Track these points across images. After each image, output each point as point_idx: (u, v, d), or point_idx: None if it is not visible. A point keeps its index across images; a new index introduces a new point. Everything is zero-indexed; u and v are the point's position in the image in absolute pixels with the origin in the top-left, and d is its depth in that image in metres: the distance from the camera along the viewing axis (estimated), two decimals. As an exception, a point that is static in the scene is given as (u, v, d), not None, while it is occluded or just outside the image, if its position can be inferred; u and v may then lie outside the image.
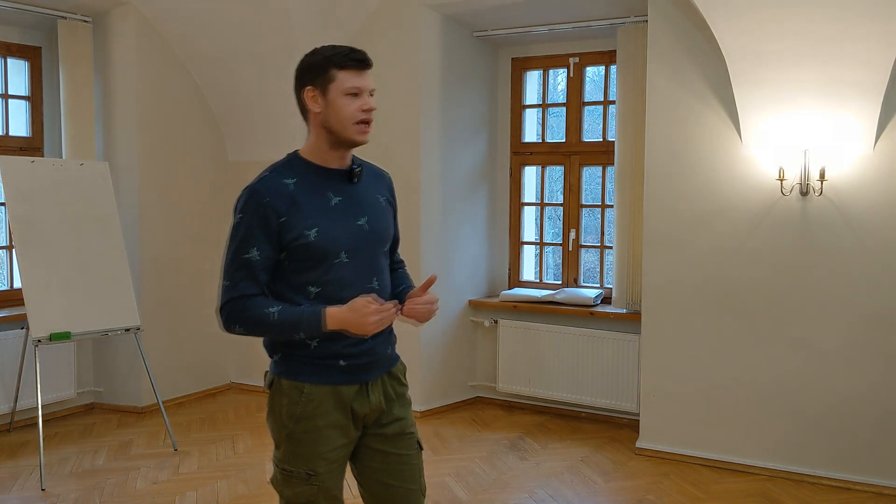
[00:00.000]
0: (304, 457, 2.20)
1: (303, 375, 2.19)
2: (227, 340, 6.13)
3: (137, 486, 4.21)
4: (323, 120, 2.17)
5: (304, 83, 2.18)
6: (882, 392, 4.10)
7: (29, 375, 4.87)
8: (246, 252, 2.11)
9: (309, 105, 2.18)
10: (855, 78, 3.91)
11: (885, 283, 4.07)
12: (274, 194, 2.12)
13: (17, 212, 4.54)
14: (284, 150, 6.65)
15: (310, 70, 2.17)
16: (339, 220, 2.18)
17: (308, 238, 2.11)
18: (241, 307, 2.11)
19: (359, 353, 2.21)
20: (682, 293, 4.53)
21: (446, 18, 5.32)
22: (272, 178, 2.16)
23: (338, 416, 2.20)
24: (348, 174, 2.24)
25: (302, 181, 2.16)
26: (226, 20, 5.24)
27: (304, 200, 2.14)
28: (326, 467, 2.21)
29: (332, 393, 2.19)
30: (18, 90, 5.37)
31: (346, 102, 2.14)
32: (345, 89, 2.14)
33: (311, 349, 2.17)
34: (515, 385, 5.52)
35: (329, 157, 2.21)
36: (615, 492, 4.16)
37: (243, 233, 2.12)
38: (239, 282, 2.11)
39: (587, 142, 5.59)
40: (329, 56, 2.15)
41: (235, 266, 2.12)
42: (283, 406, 2.20)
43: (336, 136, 2.17)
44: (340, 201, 2.20)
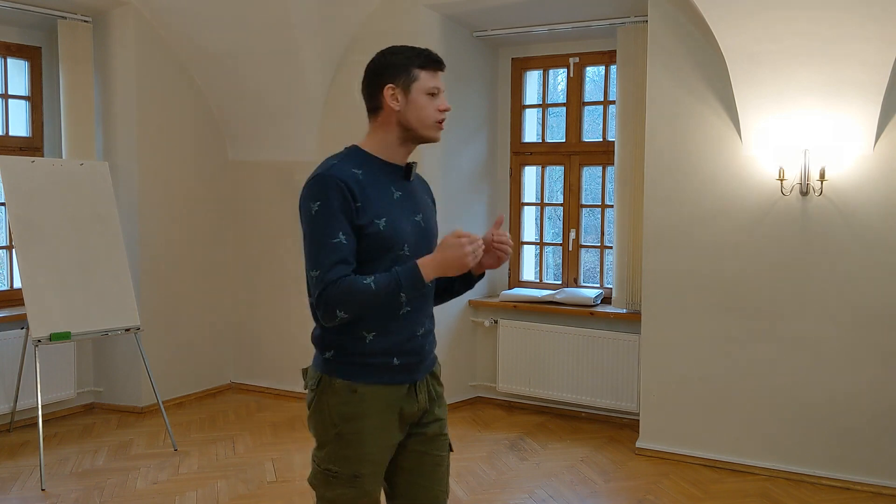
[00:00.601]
0: (350, 459, 2.18)
1: (356, 375, 2.16)
2: (228, 340, 6.14)
3: (137, 486, 4.22)
4: (401, 117, 2.20)
5: (383, 81, 2.22)
6: (882, 392, 4.10)
7: (29, 375, 4.87)
8: (333, 237, 2.07)
9: (388, 102, 2.20)
10: (855, 78, 3.92)
11: (884, 282, 4.07)
12: (349, 179, 2.11)
13: (17, 212, 4.54)
14: (284, 150, 6.63)
15: (390, 69, 2.22)
16: (402, 214, 2.20)
17: (378, 227, 2.12)
18: (338, 290, 2.04)
19: (411, 349, 2.21)
20: (683, 293, 4.53)
21: (446, 18, 5.32)
22: (342, 166, 2.15)
23: (388, 418, 2.19)
24: (405, 171, 2.27)
25: (367, 172, 2.17)
26: (226, 20, 5.24)
27: (372, 190, 2.14)
28: (371, 469, 2.20)
29: (384, 394, 2.18)
30: (18, 90, 5.37)
31: (426, 101, 2.20)
32: (426, 89, 2.20)
33: (366, 344, 2.15)
34: (515, 385, 5.52)
35: (395, 153, 2.25)
36: (615, 492, 4.16)
37: (326, 218, 2.08)
38: (331, 267, 2.06)
39: (587, 142, 5.59)
40: (411, 56, 2.21)
41: (325, 252, 2.07)
42: (333, 405, 2.17)
43: (413, 132, 2.21)
44: (401, 196, 2.22)
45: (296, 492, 4.12)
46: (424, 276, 2.09)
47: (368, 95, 2.28)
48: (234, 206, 6.10)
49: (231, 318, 6.16)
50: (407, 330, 2.19)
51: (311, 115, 5.61)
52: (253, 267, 6.06)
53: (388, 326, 2.15)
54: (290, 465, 4.52)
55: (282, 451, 4.73)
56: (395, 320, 2.17)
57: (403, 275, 2.07)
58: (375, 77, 2.25)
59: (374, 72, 2.26)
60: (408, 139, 2.23)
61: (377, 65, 2.26)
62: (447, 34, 5.35)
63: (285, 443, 4.89)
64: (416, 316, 2.22)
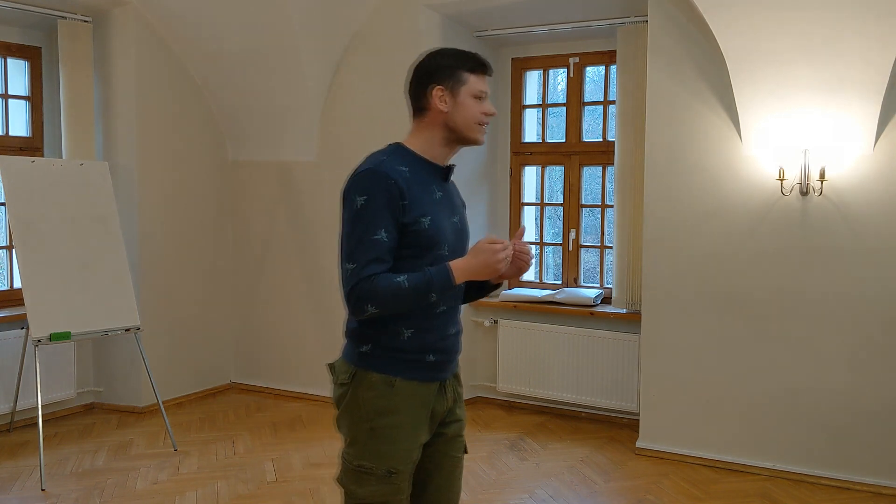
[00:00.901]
0: (385, 454, 2.16)
1: (393, 369, 2.17)
2: (227, 340, 6.15)
3: (137, 486, 4.21)
4: (447, 119, 2.22)
5: (431, 82, 2.23)
6: (882, 392, 4.10)
7: (29, 375, 4.87)
8: (374, 233, 2.08)
9: (436, 103, 2.22)
10: (855, 78, 3.92)
11: (884, 282, 4.07)
12: (398, 177, 2.11)
13: (17, 212, 4.54)
14: (284, 150, 6.61)
15: (439, 71, 2.23)
16: (443, 215, 2.22)
17: (423, 225, 2.13)
18: (370, 286, 2.06)
19: (445, 347, 2.24)
20: (682, 293, 4.53)
21: (446, 18, 5.32)
22: (390, 161, 2.16)
23: (421, 415, 2.21)
24: (445, 172, 2.29)
25: (413, 171, 2.18)
26: (226, 20, 5.24)
27: (417, 189, 2.16)
28: (405, 467, 2.19)
29: (419, 390, 2.19)
30: (18, 90, 5.37)
31: (472, 104, 2.22)
32: (474, 92, 2.22)
33: (403, 340, 2.17)
34: (515, 385, 5.52)
35: (438, 154, 2.26)
36: (615, 492, 4.16)
37: (371, 214, 2.08)
38: (367, 264, 2.07)
39: (587, 142, 5.59)
40: (460, 59, 2.23)
41: (364, 248, 2.08)
42: (368, 399, 2.17)
43: (457, 134, 2.24)
44: (441, 196, 2.24)
45: (296, 492, 4.12)
46: (455, 278, 2.11)
47: (415, 96, 2.28)
48: (234, 206, 6.10)
49: (231, 318, 6.16)
50: (441, 329, 2.22)
51: (311, 115, 5.61)
52: (253, 267, 6.06)
53: (424, 324, 2.18)
54: (290, 465, 4.52)
55: (282, 451, 4.73)
56: (431, 318, 2.20)
57: (435, 275, 2.10)
58: (424, 78, 2.25)
59: (422, 73, 2.26)
60: (452, 140, 2.26)
61: (426, 66, 2.26)
62: (447, 34, 5.35)
63: (285, 443, 4.89)
64: (450, 315, 2.26)
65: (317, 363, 5.82)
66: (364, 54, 5.46)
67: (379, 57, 5.40)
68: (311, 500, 4.03)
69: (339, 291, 2.16)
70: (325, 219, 5.67)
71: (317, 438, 4.96)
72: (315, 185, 5.73)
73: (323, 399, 5.76)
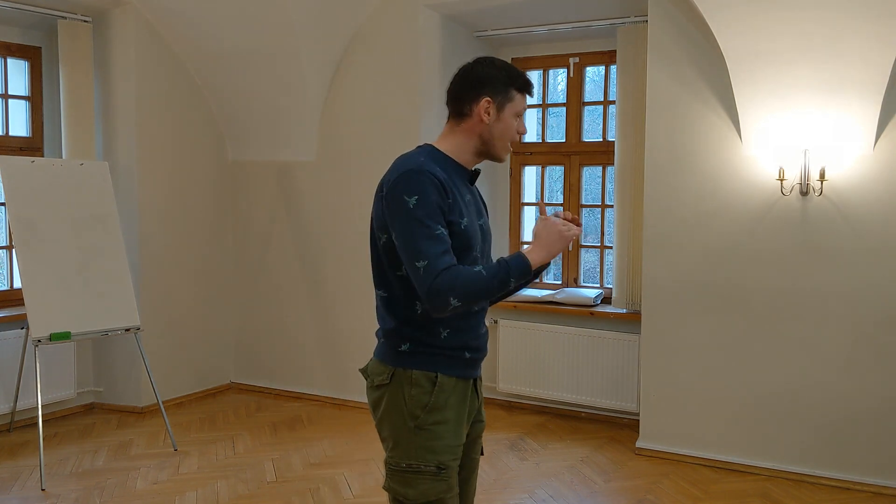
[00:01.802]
0: (434, 450, 2.13)
1: (436, 365, 2.15)
2: (227, 340, 6.15)
3: (137, 486, 4.21)
4: (485, 131, 2.23)
5: (483, 91, 2.21)
6: (882, 392, 4.10)
7: (29, 375, 4.88)
8: (435, 229, 2.05)
9: (481, 113, 2.21)
10: (855, 77, 3.91)
11: (884, 283, 4.07)
12: (440, 175, 2.10)
13: (17, 212, 4.54)
14: (284, 150, 6.61)
15: (493, 83, 2.22)
16: (474, 218, 2.22)
17: (461, 226, 2.13)
18: (450, 277, 2.01)
19: (478, 346, 2.25)
20: (683, 293, 4.53)
21: (446, 18, 5.32)
22: (429, 162, 2.14)
23: (462, 410, 2.21)
24: (472, 175, 2.30)
25: (446, 172, 2.16)
26: (226, 20, 5.24)
27: (453, 190, 2.14)
28: (454, 462, 2.17)
29: (459, 385, 2.19)
30: (18, 90, 5.37)
31: (513, 123, 2.25)
32: (517, 111, 2.25)
33: (442, 338, 2.16)
34: (515, 385, 5.52)
35: (468, 160, 2.26)
36: (615, 492, 4.16)
37: (426, 211, 2.05)
38: (438, 256, 2.03)
39: (587, 142, 5.59)
40: (512, 76, 2.24)
41: (431, 243, 2.04)
42: (413, 397, 2.14)
43: (487, 147, 2.25)
44: (470, 199, 2.25)
45: (296, 492, 4.12)
46: (532, 263, 2.12)
47: (460, 99, 2.24)
48: (234, 206, 6.10)
49: (231, 318, 6.16)
50: (476, 327, 2.24)
51: (310, 115, 5.61)
52: (253, 267, 6.06)
53: (461, 324, 2.19)
54: (290, 465, 4.52)
55: (282, 451, 4.73)
56: (468, 318, 2.20)
57: (512, 262, 2.09)
58: (474, 85, 2.22)
59: (474, 80, 2.23)
60: (482, 152, 2.26)
61: (478, 74, 2.23)
62: (447, 34, 5.35)
63: (285, 443, 4.89)
64: (481, 315, 2.27)
65: (317, 363, 5.83)
66: (364, 54, 5.46)
67: (379, 57, 5.40)
68: (311, 500, 4.03)
69: (339, 290, 2.16)
70: (325, 219, 5.67)
71: (317, 438, 4.97)
72: (315, 185, 5.73)
73: (323, 399, 5.76)
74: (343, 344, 5.66)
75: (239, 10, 5.13)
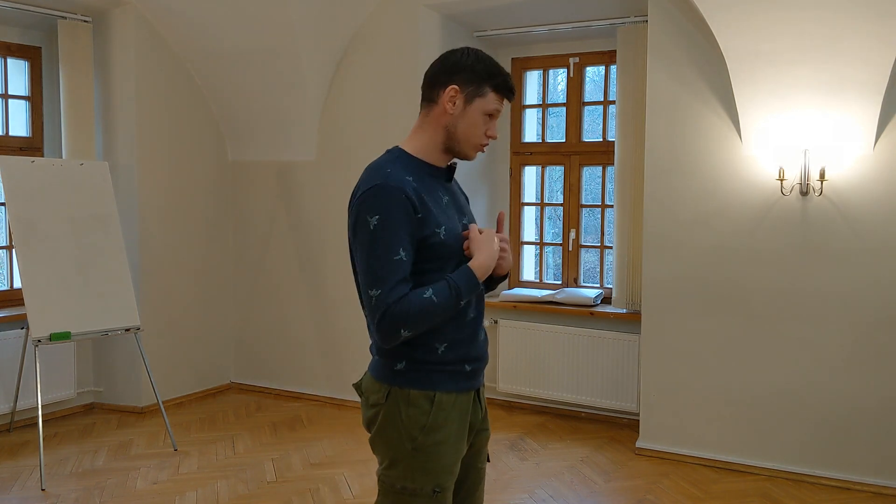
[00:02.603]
0: (431, 471, 2.06)
1: (434, 384, 2.07)
2: (227, 340, 6.15)
3: (137, 486, 4.21)
4: (450, 123, 2.10)
5: (454, 79, 2.08)
6: (882, 392, 4.10)
7: (29, 375, 4.88)
8: (395, 254, 1.97)
9: (444, 102, 2.09)
10: (855, 77, 3.91)
11: (884, 283, 4.07)
12: (408, 189, 2.00)
13: (17, 212, 4.54)
14: (284, 150, 6.60)
15: (467, 72, 2.08)
16: (454, 219, 2.13)
17: (440, 237, 2.04)
18: (401, 310, 1.96)
19: (478, 355, 2.17)
20: (683, 293, 4.53)
21: (446, 18, 5.32)
22: (397, 174, 2.02)
23: (461, 427, 2.12)
24: (448, 173, 2.20)
25: (418, 178, 2.06)
26: (226, 20, 5.24)
27: (427, 198, 2.05)
28: (450, 482, 2.11)
29: (459, 401, 2.11)
30: (18, 90, 5.37)
31: (480, 122, 2.10)
32: (488, 109, 2.10)
33: (439, 354, 2.07)
34: (515, 385, 5.52)
35: (438, 157, 2.15)
36: (615, 492, 4.16)
37: (388, 234, 1.97)
38: (393, 287, 1.96)
39: (587, 142, 5.59)
40: (491, 72, 2.09)
41: (387, 271, 1.96)
42: (410, 417, 2.05)
43: (453, 143, 2.12)
44: (448, 200, 2.15)
45: (296, 492, 4.12)
46: (479, 277, 2.05)
47: (431, 84, 2.13)
48: (234, 206, 6.10)
49: (231, 318, 6.16)
50: (473, 336, 2.15)
51: (310, 114, 5.61)
52: (253, 267, 6.06)
53: (457, 336, 2.10)
54: (290, 465, 4.52)
55: (282, 451, 4.73)
56: (463, 328, 2.12)
57: (459, 280, 2.02)
58: (446, 71, 2.10)
59: (448, 66, 2.11)
60: (448, 148, 2.14)
61: (455, 60, 2.11)
62: (447, 34, 5.35)
63: (285, 443, 4.89)
64: (478, 321, 2.18)
65: (317, 363, 5.83)
66: (364, 54, 5.46)
67: (379, 57, 5.40)
68: (311, 500, 4.03)
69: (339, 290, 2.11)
70: (325, 219, 5.67)
71: (317, 438, 4.97)
72: (315, 185, 5.73)
73: (323, 399, 5.76)
74: (343, 344, 5.66)
75: (239, 10, 5.13)
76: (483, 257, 2.06)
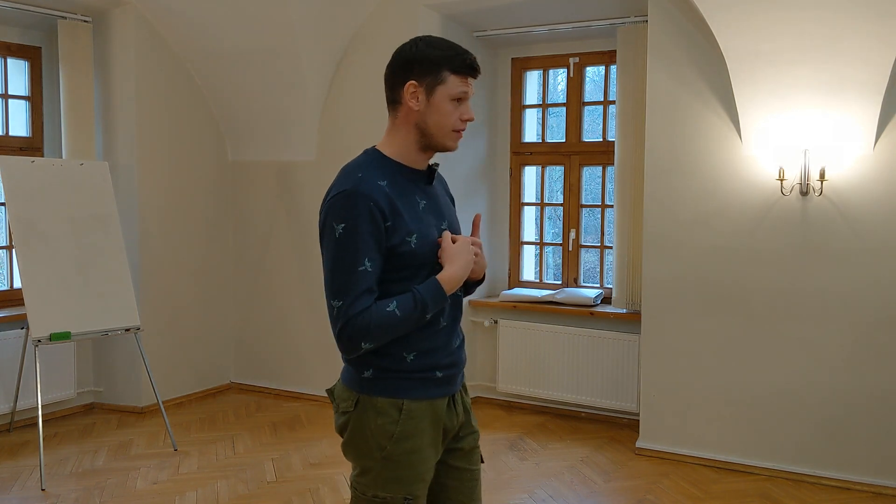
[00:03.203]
0: (402, 480, 2.02)
1: (402, 391, 2.02)
2: (227, 340, 6.15)
3: (137, 486, 4.21)
4: (419, 120, 2.01)
5: (408, 75, 1.99)
6: (882, 392, 4.09)
7: (29, 375, 4.88)
8: (360, 264, 1.92)
9: (407, 100, 2.00)
10: (855, 77, 3.91)
11: (884, 282, 4.07)
12: (378, 196, 1.93)
13: (17, 212, 4.54)
14: (284, 150, 6.61)
15: (419, 64, 1.98)
16: (430, 225, 2.04)
17: (410, 245, 1.97)
18: (363, 322, 1.91)
19: (452, 363, 2.10)
20: (683, 293, 4.53)
21: (446, 18, 5.32)
22: (369, 179, 1.96)
23: (434, 434, 2.07)
24: (428, 175, 2.11)
25: (392, 182, 1.99)
26: (226, 20, 5.24)
27: (400, 204, 1.98)
28: (422, 490, 2.07)
29: (430, 408, 2.05)
30: (18, 90, 5.37)
31: (449, 108, 2.00)
32: (453, 94, 2.00)
33: (408, 363, 2.02)
34: (515, 385, 5.52)
35: (415, 158, 2.06)
36: (615, 492, 4.16)
37: (354, 243, 1.92)
38: (356, 299, 1.92)
39: (587, 142, 5.59)
40: (446, 55, 1.99)
41: (349, 282, 1.92)
42: (379, 426, 2.01)
43: (428, 138, 2.03)
44: (426, 205, 2.06)
45: (296, 492, 4.12)
46: (446, 291, 1.99)
47: (389, 86, 2.04)
48: (234, 206, 6.10)
49: (231, 318, 6.16)
50: (446, 345, 2.09)
51: (310, 114, 5.61)
52: (253, 267, 6.06)
53: (426, 345, 2.04)
54: (289, 465, 4.52)
55: (282, 451, 4.73)
56: (433, 338, 2.05)
57: (425, 293, 1.96)
58: (401, 68, 2.01)
59: (401, 61, 2.01)
60: (426, 145, 2.04)
61: (406, 55, 2.01)
62: (447, 34, 5.29)
63: (285, 443, 4.89)
64: (452, 328, 2.12)
65: (317, 363, 5.82)
66: (364, 54, 5.46)
67: (379, 57, 5.32)
68: (311, 500, 4.03)
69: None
70: (325, 219, 5.66)
71: (316, 438, 4.96)
72: (315, 185, 5.72)
73: (323, 399, 5.76)
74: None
75: (239, 10, 5.13)
76: (453, 269, 2.00)
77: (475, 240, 2.10)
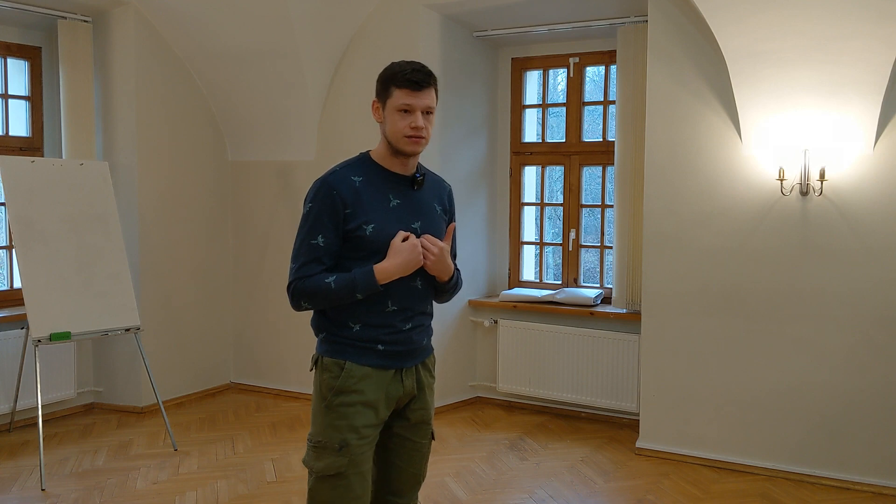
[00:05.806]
0: (338, 428, 2.35)
1: (344, 354, 2.38)
2: (227, 340, 6.15)
3: (137, 486, 4.22)
4: (383, 130, 2.40)
5: (376, 94, 2.41)
6: (882, 392, 4.10)
7: (29, 375, 4.88)
8: (313, 238, 2.34)
9: (374, 115, 2.42)
10: (855, 77, 3.92)
11: (884, 282, 4.07)
12: (342, 186, 2.35)
13: (17, 212, 4.54)
14: (284, 150, 6.62)
15: (379, 83, 2.40)
16: (395, 221, 2.39)
17: (365, 231, 2.34)
18: (304, 285, 2.33)
19: (396, 340, 2.41)
20: (682, 293, 4.53)
21: (446, 18, 5.32)
22: (342, 172, 2.40)
23: (373, 396, 2.37)
24: (411, 181, 2.45)
25: (367, 180, 2.39)
26: (226, 20, 5.24)
27: (366, 198, 2.36)
28: (358, 441, 2.36)
29: (371, 374, 2.37)
30: (18, 90, 5.37)
31: (397, 118, 2.35)
32: (397, 106, 2.34)
33: (353, 332, 2.38)
34: (515, 385, 5.52)
35: (392, 163, 2.42)
36: (615, 492, 4.16)
37: (312, 220, 2.35)
38: (304, 264, 2.34)
39: (587, 142, 5.59)
40: (393, 73, 2.37)
41: (303, 250, 2.35)
42: (324, 381, 2.39)
43: (391, 145, 2.39)
44: (399, 204, 2.42)
45: (295, 492, 4.12)
46: (378, 280, 2.31)
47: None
48: (234, 206, 6.10)
49: (231, 317, 6.16)
50: (391, 326, 2.40)
51: (310, 114, 5.62)
52: (253, 267, 6.06)
53: (372, 320, 2.38)
54: (289, 465, 4.52)
55: (282, 451, 4.73)
56: (379, 316, 2.39)
57: (360, 277, 2.31)
58: (376, 90, 2.42)
59: (377, 84, 2.42)
60: (394, 150, 2.40)
61: (378, 79, 2.42)
62: (447, 34, 5.35)
63: (285, 443, 4.89)
64: (402, 314, 2.42)
65: (317, 363, 5.82)
66: (364, 54, 5.46)
67: (379, 57, 5.35)
68: (311, 500, 4.03)
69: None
70: (325, 219, 5.66)
71: (317, 438, 4.96)
72: (315, 185, 5.73)
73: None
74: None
75: (239, 10, 5.14)
76: (391, 262, 2.33)
77: (427, 243, 2.39)
